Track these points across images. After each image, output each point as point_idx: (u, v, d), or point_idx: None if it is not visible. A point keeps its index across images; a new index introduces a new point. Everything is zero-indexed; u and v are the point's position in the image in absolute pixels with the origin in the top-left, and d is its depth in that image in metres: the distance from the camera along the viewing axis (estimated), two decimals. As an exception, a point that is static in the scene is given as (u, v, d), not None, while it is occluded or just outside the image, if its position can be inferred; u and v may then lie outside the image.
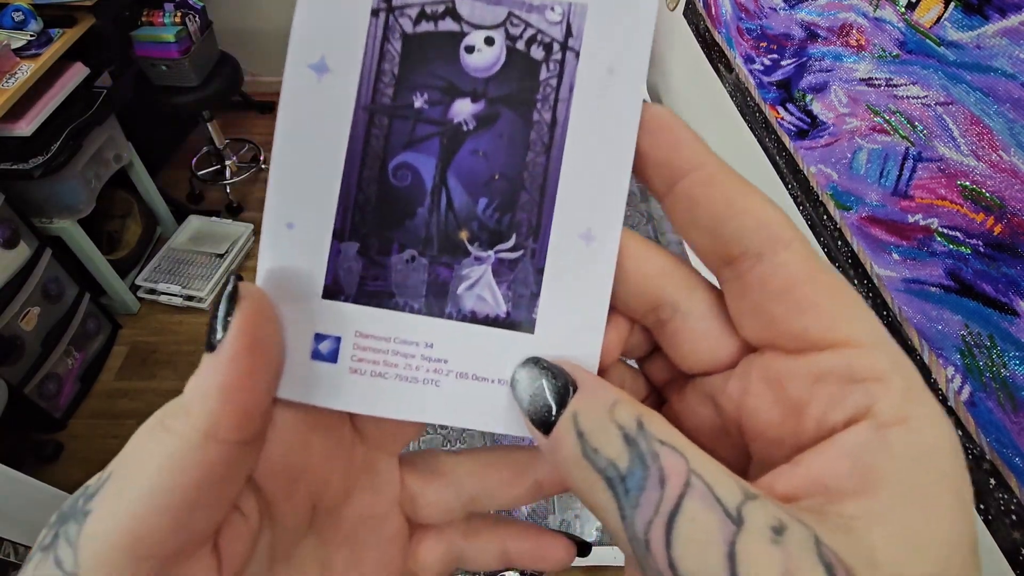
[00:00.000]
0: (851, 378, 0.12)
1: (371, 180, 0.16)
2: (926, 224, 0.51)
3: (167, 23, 1.76)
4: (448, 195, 0.16)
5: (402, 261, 0.16)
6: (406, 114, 0.16)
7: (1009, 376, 0.43)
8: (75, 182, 1.50)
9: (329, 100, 0.15)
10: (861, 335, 0.13)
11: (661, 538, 0.11)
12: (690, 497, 0.11)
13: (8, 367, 1.34)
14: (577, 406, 0.13)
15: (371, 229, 0.16)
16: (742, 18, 0.87)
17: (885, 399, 0.12)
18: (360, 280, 0.16)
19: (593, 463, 0.12)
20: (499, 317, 0.16)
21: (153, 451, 0.13)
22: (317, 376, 0.15)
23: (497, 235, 0.16)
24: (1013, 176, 0.42)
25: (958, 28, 0.47)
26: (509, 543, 0.19)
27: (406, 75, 0.15)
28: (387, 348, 0.16)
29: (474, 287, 0.16)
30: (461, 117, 0.16)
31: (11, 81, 1.31)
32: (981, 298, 0.45)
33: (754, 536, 0.11)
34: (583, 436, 0.13)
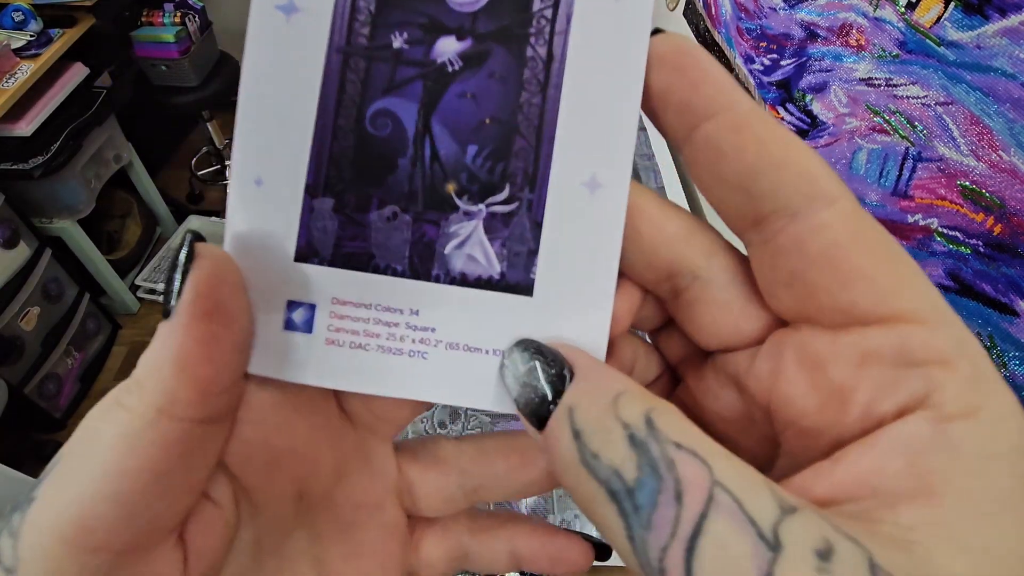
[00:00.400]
0: (907, 360, 0.10)
1: (347, 130, 0.14)
2: (926, 224, 0.51)
3: (167, 23, 1.76)
4: (433, 144, 0.14)
5: (382, 219, 0.14)
6: (384, 56, 0.14)
7: (1009, 376, 0.43)
8: (75, 182, 1.50)
9: (299, 43, 0.14)
10: (920, 309, 0.10)
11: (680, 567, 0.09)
12: (715, 516, 0.09)
13: (8, 367, 1.34)
14: (573, 398, 0.11)
15: (348, 184, 0.14)
16: (742, 18, 0.87)
17: (949, 387, 0.10)
18: (336, 240, 0.14)
19: (593, 471, 0.10)
20: (492, 278, 0.14)
21: (104, 431, 0.11)
22: (291, 348, 0.14)
23: (489, 186, 0.14)
24: (1013, 176, 0.42)
25: (958, 28, 0.47)
26: (519, 542, 0.17)
27: (383, 12, 0.14)
28: (367, 316, 0.14)
29: (463, 245, 0.14)
30: (445, 57, 0.14)
31: (11, 81, 1.31)
32: (981, 298, 0.45)
33: (795, 564, 0.08)
34: (580, 436, 0.10)
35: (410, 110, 0.14)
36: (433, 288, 0.14)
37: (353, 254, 0.14)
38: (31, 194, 1.44)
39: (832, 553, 0.08)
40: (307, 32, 0.14)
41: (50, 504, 0.11)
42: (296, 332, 0.14)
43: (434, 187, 0.14)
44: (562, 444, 0.11)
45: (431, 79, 0.14)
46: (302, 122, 0.14)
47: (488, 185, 0.14)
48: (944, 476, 0.09)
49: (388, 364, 0.14)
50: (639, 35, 0.13)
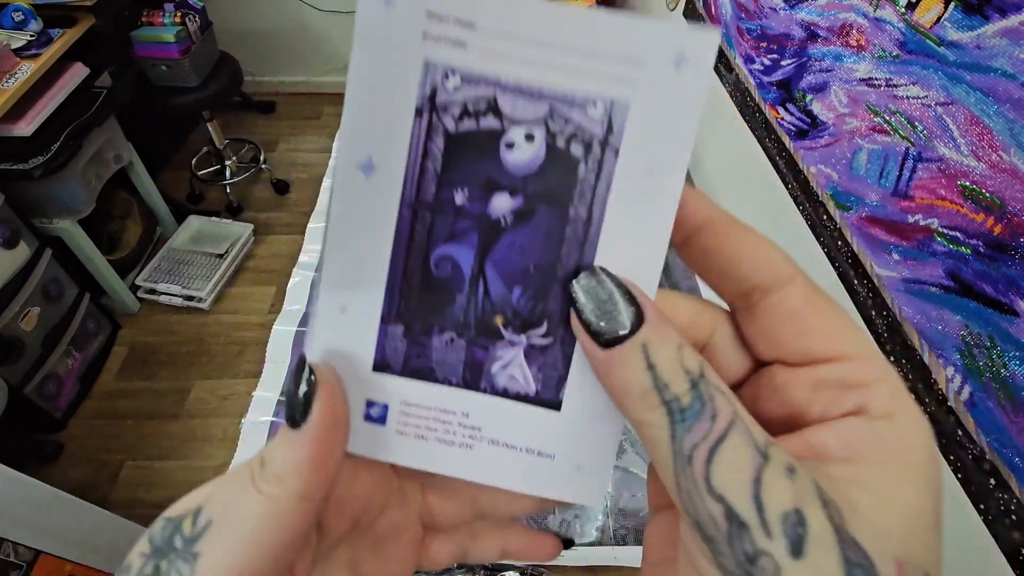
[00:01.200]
0: (847, 384, 0.15)
1: (415, 270, 0.17)
2: (926, 224, 0.51)
3: (167, 23, 1.76)
4: (485, 284, 0.17)
5: (442, 342, 0.17)
6: (447, 210, 0.16)
7: (1009, 376, 0.43)
8: (75, 182, 1.50)
9: (376, 197, 0.16)
10: (855, 350, 0.15)
11: (704, 457, 0.14)
12: (733, 433, 0.14)
13: (8, 367, 1.34)
14: (647, 337, 0.15)
15: (414, 314, 0.17)
16: (742, 18, 0.87)
17: (875, 400, 0.14)
18: (405, 358, 0.17)
19: (660, 394, 0.14)
20: (528, 395, 0.18)
21: (253, 510, 0.15)
22: (369, 434, 0.18)
23: (530, 322, 0.17)
24: (1013, 176, 0.42)
25: (958, 28, 0.47)
26: (508, 542, 0.22)
27: (448, 173, 0.16)
28: (429, 415, 0.18)
29: (507, 367, 0.17)
30: (499, 213, 0.17)
31: (11, 81, 1.31)
32: (981, 298, 0.45)
33: (775, 470, 0.13)
34: (654, 369, 0.14)
35: (467, 256, 0.17)
36: (481, 397, 0.18)
37: (418, 368, 0.18)
38: (31, 194, 1.44)
39: (796, 471, 0.13)
40: (383, 188, 0.16)
41: (217, 562, 0.15)
42: (373, 423, 0.18)
43: (484, 319, 0.17)
44: (635, 369, 0.15)
45: (486, 231, 0.17)
46: (379, 263, 0.17)
47: (529, 321, 0.17)
48: (865, 451, 0.14)
49: (443, 451, 0.18)
50: (669, 205, 0.16)
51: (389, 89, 0.15)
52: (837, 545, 0.13)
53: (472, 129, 0.16)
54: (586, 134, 0.16)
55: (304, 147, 2.47)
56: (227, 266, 1.90)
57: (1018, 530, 0.42)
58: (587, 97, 0.16)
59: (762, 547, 0.13)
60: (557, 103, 0.16)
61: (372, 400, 0.18)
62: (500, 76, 0.16)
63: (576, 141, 0.16)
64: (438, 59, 0.15)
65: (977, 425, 0.46)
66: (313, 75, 2.66)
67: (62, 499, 1.03)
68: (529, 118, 0.16)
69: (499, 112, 0.16)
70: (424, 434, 0.18)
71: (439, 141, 0.16)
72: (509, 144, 0.16)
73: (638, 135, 0.16)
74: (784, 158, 0.75)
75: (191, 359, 1.71)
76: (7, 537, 0.93)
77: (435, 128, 0.16)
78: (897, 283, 0.54)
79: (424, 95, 0.16)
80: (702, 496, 0.14)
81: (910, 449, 0.14)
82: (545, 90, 0.16)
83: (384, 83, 0.15)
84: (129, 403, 1.62)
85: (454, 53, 0.15)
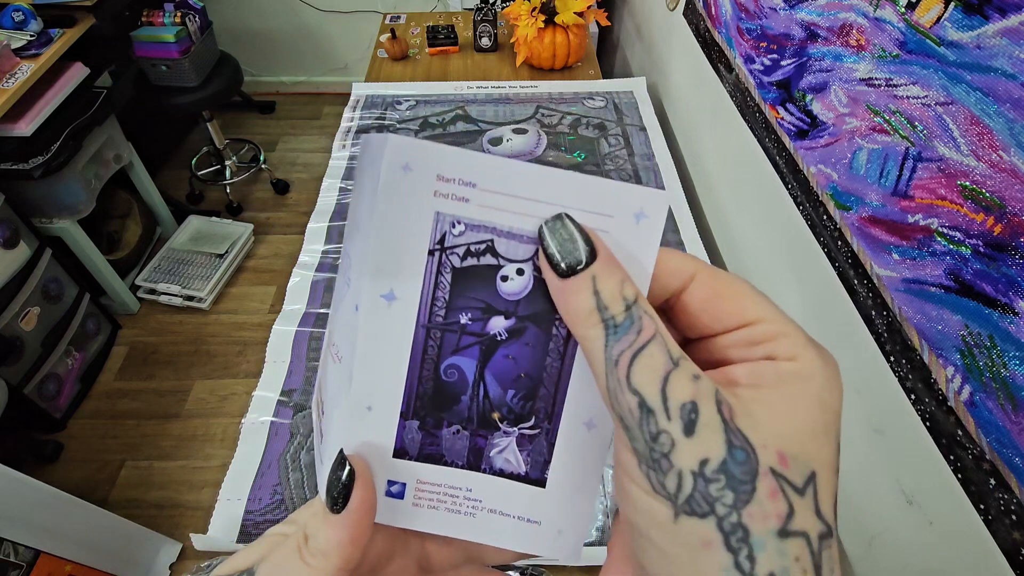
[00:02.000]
0: (756, 341, 0.18)
1: (428, 378, 0.21)
2: (926, 224, 0.51)
3: (167, 23, 1.76)
4: (485, 388, 0.21)
5: (450, 433, 0.21)
6: (454, 329, 0.20)
7: (1009, 376, 0.43)
8: (75, 182, 1.50)
9: (397, 321, 0.20)
10: (760, 314, 0.19)
11: (627, 361, 0.17)
12: (653, 344, 0.17)
13: (8, 367, 1.34)
14: (596, 271, 0.18)
15: (428, 412, 0.21)
16: (742, 18, 0.87)
17: (780, 348, 0.18)
18: (420, 446, 0.21)
19: (600, 313, 0.18)
20: (519, 474, 0.22)
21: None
22: (390, 507, 0.22)
23: (521, 417, 0.21)
24: (1013, 176, 0.42)
25: (958, 28, 0.47)
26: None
27: (454, 300, 0.20)
28: (439, 491, 0.22)
29: (502, 452, 0.22)
30: (496, 330, 0.20)
31: (11, 81, 1.31)
32: (981, 298, 0.45)
33: (682, 374, 0.17)
34: (599, 295, 0.18)
35: (471, 365, 0.21)
36: (481, 477, 0.22)
37: (431, 454, 0.21)
38: (31, 194, 1.44)
39: (700, 377, 0.17)
40: (402, 314, 0.20)
41: None
42: (393, 498, 0.22)
43: (485, 415, 0.21)
44: (584, 294, 0.18)
45: (485, 345, 0.21)
46: (399, 372, 0.21)
47: (521, 416, 0.21)
48: (768, 382, 0.17)
49: (451, 518, 0.22)
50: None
51: (407, 235, 0.19)
52: (723, 431, 0.16)
53: (474, 264, 0.20)
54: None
55: (304, 147, 2.47)
56: (227, 266, 1.91)
57: (1018, 530, 0.42)
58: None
59: (663, 427, 0.16)
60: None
61: (392, 480, 0.22)
62: (496, 224, 0.19)
63: None
64: (446, 211, 0.19)
65: (977, 425, 0.45)
66: (313, 75, 2.66)
67: (62, 499, 1.03)
68: (520, 257, 0.20)
69: (496, 252, 0.20)
70: (436, 505, 0.22)
71: (447, 275, 0.20)
72: (504, 277, 0.20)
73: None
74: (784, 158, 0.75)
75: (191, 359, 1.72)
76: (7, 537, 0.92)
77: (444, 265, 0.20)
78: (897, 283, 0.54)
79: (435, 239, 0.19)
80: (623, 391, 0.17)
81: (806, 379, 0.17)
82: (532, 235, 0.19)
83: (403, 230, 0.19)
84: (129, 403, 1.62)
85: (459, 206, 0.19)
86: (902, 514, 0.56)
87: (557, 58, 1.37)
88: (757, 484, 0.16)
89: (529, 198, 0.19)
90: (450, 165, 0.19)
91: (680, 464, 0.16)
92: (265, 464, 0.70)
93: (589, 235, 0.19)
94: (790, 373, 0.18)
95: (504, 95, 1.28)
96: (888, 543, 0.59)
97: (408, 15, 1.65)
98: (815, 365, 0.18)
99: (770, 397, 0.17)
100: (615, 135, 1.18)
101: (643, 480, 0.17)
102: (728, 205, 0.99)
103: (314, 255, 0.95)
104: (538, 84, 1.31)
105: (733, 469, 0.16)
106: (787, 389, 0.17)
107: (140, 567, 1.22)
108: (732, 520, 0.16)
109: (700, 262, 0.20)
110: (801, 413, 0.17)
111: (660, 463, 0.17)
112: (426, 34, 1.49)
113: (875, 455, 0.59)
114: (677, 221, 1.01)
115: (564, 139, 1.17)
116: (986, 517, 0.45)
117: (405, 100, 1.26)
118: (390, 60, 1.46)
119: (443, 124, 1.20)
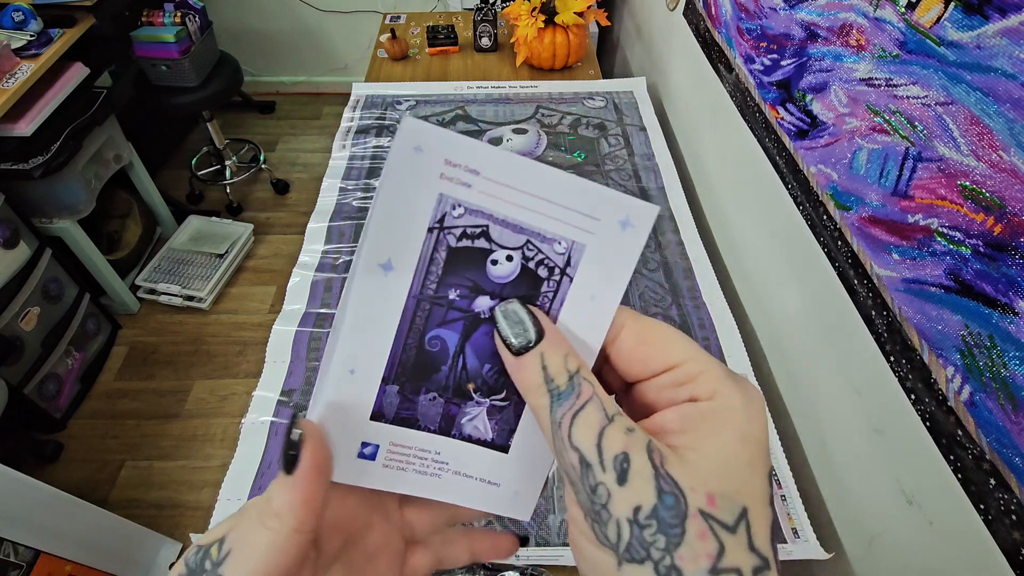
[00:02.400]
0: (679, 382, 0.20)
1: (412, 346, 0.22)
2: (926, 224, 0.51)
3: (167, 23, 1.76)
4: (464, 360, 0.22)
5: (427, 399, 0.23)
6: (442, 303, 0.21)
7: (1009, 376, 0.43)
8: (75, 182, 1.50)
9: (391, 290, 0.21)
10: (682, 356, 0.20)
11: (568, 422, 0.19)
12: (590, 404, 0.19)
13: (8, 367, 1.34)
14: (544, 348, 0.20)
15: (408, 378, 0.22)
16: (742, 18, 0.87)
17: (700, 387, 0.19)
18: (396, 410, 0.23)
19: (547, 384, 0.20)
20: (486, 440, 0.24)
21: (261, 542, 0.19)
22: (361, 468, 0.23)
23: (494, 389, 0.23)
24: (1013, 176, 0.42)
25: (958, 28, 0.47)
26: (475, 545, 0.27)
27: (446, 276, 0.21)
28: (409, 453, 0.23)
29: (473, 420, 0.23)
30: (480, 308, 0.22)
31: (11, 81, 1.31)
32: (981, 298, 0.45)
33: (616, 428, 0.18)
34: (546, 369, 0.20)
35: (453, 338, 0.22)
36: (451, 441, 0.23)
37: (406, 418, 0.23)
38: (31, 194, 1.44)
39: (633, 430, 0.18)
40: (397, 283, 0.21)
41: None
42: (365, 460, 0.23)
43: (460, 385, 0.23)
44: (534, 368, 0.20)
45: (469, 320, 0.22)
46: (385, 338, 0.21)
47: (494, 389, 0.23)
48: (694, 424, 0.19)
49: (418, 479, 0.23)
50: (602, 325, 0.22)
51: (410, 211, 0.20)
52: (654, 478, 0.17)
53: (468, 246, 0.21)
54: (551, 262, 0.21)
55: (304, 147, 2.47)
56: (227, 266, 1.91)
57: (1018, 530, 0.42)
58: (555, 236, 0.21)
59: (599, 479, 0.18)
60: (532, 237, 0.21)
61: (367, 441, 0.22)
62: (493, 211, 0.20)
63: (543, 266, 0.21)
64: (449, 193, 0.20)
65: (977, 425, 0.45)
66: (313, 75, 2.66)
67: (62, 499, 1.03)
68: (511, 245, 0.21)
69: (489, 237, 0.21)
70: (404, 467, 0.23)
71: (443, 252, 0.21)
72: (494, 261, 0.21)
73: (587, 270, 0.21)
74: (784, 158, 0.75)
75: (191, 359, 1.72)
76: (7, 537, 0.92)
77: (441, 243, 0.21)
78: (897, 283, 0.54)
79: (435, 218, 0.20)
80: (566, 448, 0.19)
81: (727, 416, 0.19)
82: (524, 226, 0.21)
83: (406, 205, 0.20)
84: (129, 403, 1.62)
85: (461, 191, 0.20)
86: (902, 514, 0.56)
87: (557, 58, 1.37)
88: (687, 526, 0.17)
89: (526, 192, 0.20)
90: (459, 151, 0.19)
91: (616, 513, 0.17)
92: (265, 464, 0.70)
93: (537, 316, 0.21)
94: (711, 411, 0.19)
95: (504, 95, 1.28)
96: (888, 543, 0.59)
97: (408, 15, 1.65)
98: (734, 400, 0.19)
99: (697, 439, 0.18)
100: (615, 135, 1.18)
101: (589, 532, 0.18)
102: (728, 205, 0.99)
103: (314, 255, 0.95)
104: (538, 84, 1.31)
105: (663, 514, 0.17)
106: (710, 427, 0.19)
107: (140, 567, 1.22)
108: (666, 563, 0.16)
109: (627, 311, 0.22)
110: (725, 450, 0.18)
111: (600, 514, 0.18)
112: (426, 34, 1.49)
113: (875, 455, 0.59)
114: (677, 221, 1.01)
115: (564, 139, 1.17)
116: (986, 517, 0.45)
117: (405, 100, 1.26)
118: (390, 60, 1.46)
119: (443, 124, 1.20)
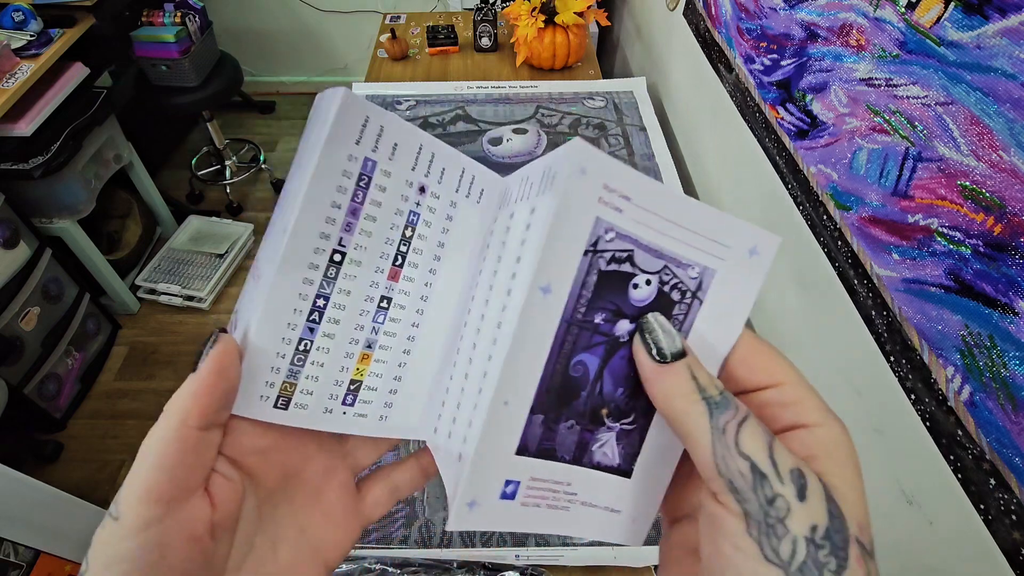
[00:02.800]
0: (783, 404, 0.21)
1: (559, 373, 0.22)
2: (926, 224, 0.51)
3: (167, 23, 1.76)
4: (602, 384, 0.22)
5: (566, 428, 0.22)
6: (588, 327, 0.22)
7: (1009, 376, 0.43)
8: (75, 182, 1.50)
9: (547, 314, 0.21)
10: (786, 378, 0.21)
11: (734, 430, 0.19)
12: (751, 418, 0.19)
13: (8, 367, 1.34)
14: (690, 362, 0.21)
15: (551, 406, 0.22)
16: (742, 18, 0.87)
17: (807, 415, 0.20)
18: (539, 441, 0.22)
19: (701, 393, 0.20)
20: (612, 466, 0.23)
21: (153, 434, 0.20)
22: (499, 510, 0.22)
23: (625, 413, 0.23)
24: (1013, 176, 0.42)
25: (958, 28, 0.47)
26: (423, 462, 0.28)
27: (595, 300, 0.21)
28: (545, 487, 0.23)
29: (603, 447, 0.23)
30: (620, 332, 0.22)
31: (11, 81, 1.31)
32: (981, 298, 0.45)
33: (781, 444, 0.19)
34: (696, 379, 0.20)
35: (595, 363, 0.22)
36: (581, 470, 0.23)
37: (546, 449, 0.22)
38: (31, 194, 1.44)
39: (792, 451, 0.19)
40: (553, 307, 0.21)
41: (129, 480, 0.19)
42: (506, 499, 0.22)
43: (595, 410, 0.23)
44: (684, 375, 0.20)
45: (610, 344, 0.22)
46: (538, 365, 0.21)
47: (625, 412, 0.23)
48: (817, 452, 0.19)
49: (548, 514, 0.23)
50: (727, 343, 0.22)
51: (573, 232, 0.20)
52: (825, 497, 0.17)
53: (615, 270, 0.21)
54: (684, 286, 0.22)
55: (304, 147, 2.46)
56: (227, 266, 1.90)
57: (1018, 530, 0.42)
58: (690, 262, 0.22)
59: (778, 491, 0.17)
60: (670, 262, 0.22)
61: (509, 479, 0.22)
62: (639, 237, 0.21)
63: (676, 289, 0.22)
64: (604, 217, 0.21)
65: (977, 425, 0.45)
66: (313, 75, 2.66)
67: (62, 499, 1.03)
68: (651, 269, 0.22)
69: (634, 262, 0.22)
70: (538, 503, 0.23)
71: (594, 276, 0.21)
72: (635, 285, 0.22)
73: (717, 294, 0.22)
74: (784, 158, 0.75)
75: (191, 359, 1.71)
76: (7, 537, 0.92)
77: (593, 266, 0.21)
78: (897, 283, 0.54)
79: (591, 241, 0.21)
80: (733, 456, 0.18)
81: (840, 446, 0.19)
82: (664, 252, 0.22)
83: (568, 229, 0.20)
84: (129, 403, 1.62)
85: (614, 215, 0.21)
86: (902, 514, 0.56)
87: (557, 58, 1.37)
88: (849, 551, 0.17)
89: (670, 220, 0.21)
90: (617, 177, 0.20)
91: (795, 529, 0.17)
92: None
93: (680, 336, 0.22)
94: (828, 441, 0.19)
95: (504, 95, 1.28)
96: (888, 543, 0.59)
97: (408, 15, 1.65)
98: (841, 431, 0.20)
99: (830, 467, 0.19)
100: (615, 135, 1.18)
101: (752, 547, 0.17)
102: (728, 205, 0.99)
103: (314, 255, 0.95)
104: (538, 84, 1.31)
105: (835, 536, 0.17)
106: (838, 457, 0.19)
107: (140, 567, 1.22)
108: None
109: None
110: (855, 480, 0.19)
111: (775, 528, 0.17)
112: (426, 34, 1.49)
113: (875, 455, 0.59)
114: (677, 221, 1.01)
115: (564, 139, 1.17)
116: (986, 517, 0.45)
117: (405, 100, 1.26)
118: (390, 60, 1.46)
119: (443, 124, 1.20)
